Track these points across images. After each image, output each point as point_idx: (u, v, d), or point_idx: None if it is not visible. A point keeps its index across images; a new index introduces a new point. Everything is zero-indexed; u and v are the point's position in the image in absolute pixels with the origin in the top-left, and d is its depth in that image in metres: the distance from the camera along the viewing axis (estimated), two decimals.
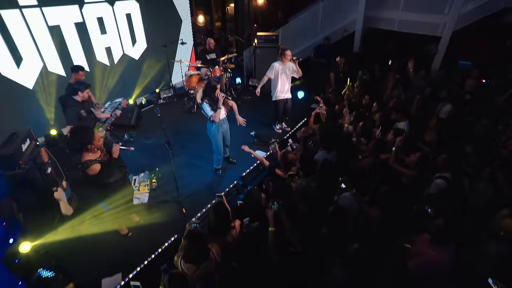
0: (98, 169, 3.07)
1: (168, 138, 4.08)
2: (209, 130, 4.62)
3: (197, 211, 4.24)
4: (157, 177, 4.88)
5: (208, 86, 4.32)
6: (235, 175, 5.03)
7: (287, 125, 6.37)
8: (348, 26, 8.00)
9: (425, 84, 5.85)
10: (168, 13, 7.72)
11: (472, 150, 3.68)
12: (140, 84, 7.59)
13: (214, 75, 6.95)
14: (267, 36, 7.59)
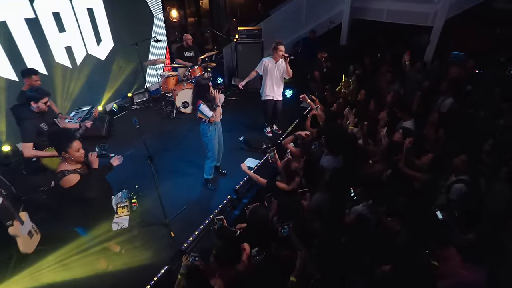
0: (75, 180, 2.66)
1: (149, 153, 3.61)
2: (204, 134, 4.26)
3: (188, 234, 3.81)
4: (138, 196, 4.39)
5: (200, 88, 4.05)
6: (226, 187, 4.66)
7: (278, 128, 6.05)
8: (334, 18, 7.83)
9: (421, 77, 5.74)
10: (137, 8, 7.16)
11: (490, 149, 3.51)
12: (110, 89, 6.98)
13: (193, 75, 6.50)
14: (250, 31, 7.24)
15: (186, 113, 6.62)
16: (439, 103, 5.15)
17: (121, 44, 6.91)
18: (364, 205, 3.09)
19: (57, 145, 2.77)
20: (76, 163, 2.78)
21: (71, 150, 2.69)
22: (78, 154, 2.74)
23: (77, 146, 2.72)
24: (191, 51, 6.88)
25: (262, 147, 5.39)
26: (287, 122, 6.34)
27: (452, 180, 3.41)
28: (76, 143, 2.72)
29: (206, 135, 4.25)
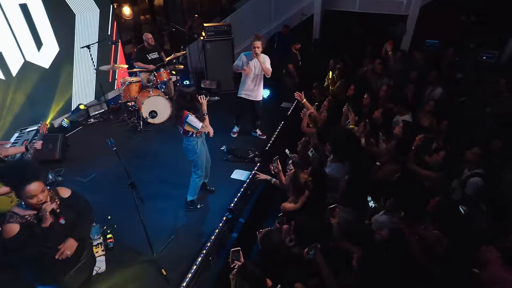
0: (14, 232, 2.13)
1: (131, 179, 3.10)
2: (192, 150, 3.83)
3: (184, 269, 3.37)
4: (112, 229, 3.83)
5: (187, 97, 3.58)
6: (216, 206, 4.27)
7: (262, 133, 5.75)
8: (305, 9, 7.71)
9: (404, 67, 5.81)
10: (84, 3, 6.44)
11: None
12: (58, 101, 6.20)
13: (160, 80, 5.98)
14: (217, 27, 6.87)
15: (155, 124, 6.07)
16: (427, 93, 5.23)
17: (69, 48, 6.16)
18: (386, 214, 2.93)
19: (8, 184, 2.27)
20: (29, 210, 2.23)
21: (23, 193, 2.13)
22: (32, 202, 2.17)
23: (32, 191, 2.14)
24: (155, 52, 6.35)
25: (249, 156, 5.06)
26: (269, 125, 6.06)
27: (466, 175, 3.38)
28: (33, 186, 2.14)
29: (194, 152, 3.82)
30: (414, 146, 3.54)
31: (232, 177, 4.77)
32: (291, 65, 7.09)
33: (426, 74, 5.23)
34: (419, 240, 2.37)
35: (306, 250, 2.31)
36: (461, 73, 5.77)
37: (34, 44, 5.81)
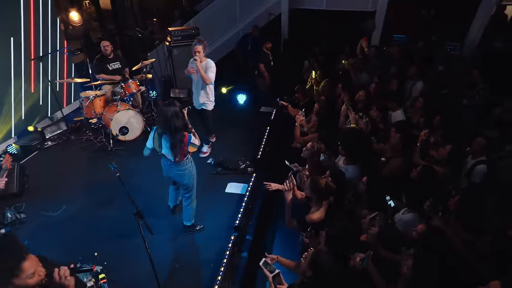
0: None
1: (137, 207, 2.79)
2: (189, 173, 3.57)
3: None
4: (104, 268, 3.44)
5: (179, 114, 3.21)
6: (216, 225, 4.05)
7: (205, 151, 5.38)
8: (272, 9, 7.76)
9: (379, 62, 6.07)
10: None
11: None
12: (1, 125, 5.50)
13: (129, 92, 5.59)
14: (184, 31, 6.64)
15: (126, 141, 5.65)
16: (409, 87, 5.50)
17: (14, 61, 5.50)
18: (408, 211, 2.98)
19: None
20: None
21: (20, 278, 1.77)
22: (33, 282, 1.82)
23: (30, 268, 1.81)
24: (116, 61, 5.93)
25: (240, 167, 4.90)
26: (253, 132, 5.97)
27: (472, 163, 3.59)
28: (28, 262, 1.81)
29: (191, 174, 3.58)
30: (419, 142, 3.68)
31: (226, 191, 4.58)
32: (262, 65, 7.06)
33: (406, 69, 5.50)
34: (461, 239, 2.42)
35: (358, 260, 2.25)
36: (440, 66, 6.15)
37: None
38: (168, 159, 3.46)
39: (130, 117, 5.56)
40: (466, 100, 5.30)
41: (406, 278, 2.23)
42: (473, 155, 3.60)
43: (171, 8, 9.03)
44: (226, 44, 7.97)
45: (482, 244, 2.41)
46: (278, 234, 4.15)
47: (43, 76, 6.27)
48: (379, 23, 7.23)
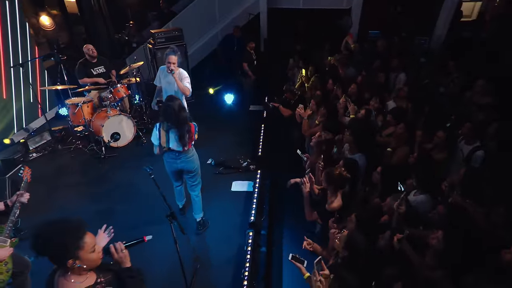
0: None
1: (170, 209, 2.79)
2: (196, 159, 3.82)
3: None
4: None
5: (182, 107, 3.44)
6: (229, 223, 4.13)
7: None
8: (251, 9, 7.89)
9: (363, 58, 6.41)
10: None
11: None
12: None
13: (118, 96, 5.47)
14: (168, 33, 6.57)
15: (118, 147, 5.51)
16: (392, 79, 5.87)
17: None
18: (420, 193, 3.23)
19: (59, 253, 1.75)
20: (85, 273, 1.85)
21: (84, 251, 1.77)
22: (95, 256, 1.83)
23: (91, 242, 1.81)
24: (100, 65, 5.75)
25: (242, 165, 4.99)
26: (248, 130, 6.09)
27: (470, 149, 3.92)
28: (88, 237, 1.81)
29: (197, 160, 3.81)
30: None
31: (233, 189, 4.65)
32: (245, 64, 7.17)
33: (389, 62, 5.86)
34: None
35: (396, 239, 2.44)
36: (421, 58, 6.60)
37: None
38: (174, 152, 3.57)
39: (121, 122, 5.44)
40: (442, 88, 5.77)
41: (435, 250, 2.46)
42: (466, 140, 3.92)
43: (146, 10, 8.85)
44: (207, 44, 7.98)
45: (496, 215, 2.69)
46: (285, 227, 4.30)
47: (15, 86, 5.99)
48: (356, 20, 7.60)
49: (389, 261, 2.60)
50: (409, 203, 3.16)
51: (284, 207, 4.44)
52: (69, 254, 1.71)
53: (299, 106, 4.66)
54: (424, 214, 3.01)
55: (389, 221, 3.00)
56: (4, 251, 2.49)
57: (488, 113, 4.35)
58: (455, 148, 4.02)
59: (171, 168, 3.79)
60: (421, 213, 2.96)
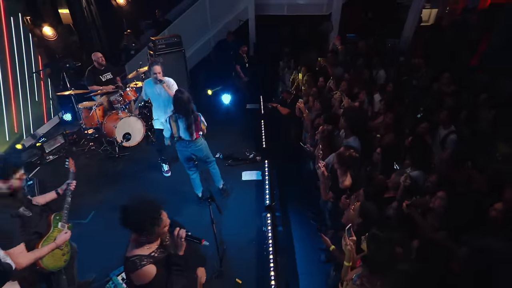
0: (153, 274, 1.91)
1: (210, 192, 2.93)
2: (205, 145, 4.08)
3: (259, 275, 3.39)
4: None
5: (188, 101, 3.63)
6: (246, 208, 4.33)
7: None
8: (241, 15, 8.05)
9: (348, 58, 6.74)
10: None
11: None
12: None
13: (128, 99, 5.49)
14: (168, 39, 6.60)
15: (130, 147, 5.54)
16: (374, 75, 6.23)
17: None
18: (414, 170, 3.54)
19: (141, 226, 1.89)
20: (152, 245, 2.01)
21: (159, 227, 1.93)
22: (164, 231, 2.00)
23: (165, 220, 1.98)
24: (108, 72, 5.74)
25: (249, 157, 5.17)
26: (248, 128, 6.25)
27: (444, 133, 4.30)
28: (164, 215, 1.96)
29: (206, 147, 4.09)
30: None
31: (243, 179, 4.82)
32: (238, 67, 7.34)
33: (370, 60, 6.23)
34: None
35: (405, 205, 2.71)
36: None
37: None
38: (185, 141, 3.81)
39: (132, 123, 5.46)
40: (415, 81, 6.20)
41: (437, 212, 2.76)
42: (443, 126, 4.30)
43: (141, 19, 8.80)
44: (200, 49, 8.07)
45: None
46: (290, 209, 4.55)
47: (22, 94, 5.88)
48: (336, 25, 7.94)
49: (398, 227, 2.88)
50: (411, 177, 3.48)
51: (289, 192, 4.70)
52: (148, 227, 1.88)
53: (299, 100, 4.88)
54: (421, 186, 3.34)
55: (393, 195, 3.30)
56: (66, 235, 2.56)
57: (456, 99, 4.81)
58: (435, 133, 4.42)
59: (183, 156, 4.02)
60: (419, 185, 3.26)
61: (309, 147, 4.36)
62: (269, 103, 5.93)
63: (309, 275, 3.66)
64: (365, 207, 2.80)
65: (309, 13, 8.12)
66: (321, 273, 3.65)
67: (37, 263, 2.41)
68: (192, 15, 7.73)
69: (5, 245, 2.19)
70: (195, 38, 7.95)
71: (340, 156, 3.41)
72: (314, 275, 3.67)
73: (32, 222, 2.42)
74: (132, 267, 1.87)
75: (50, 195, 2.84)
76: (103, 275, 3.41)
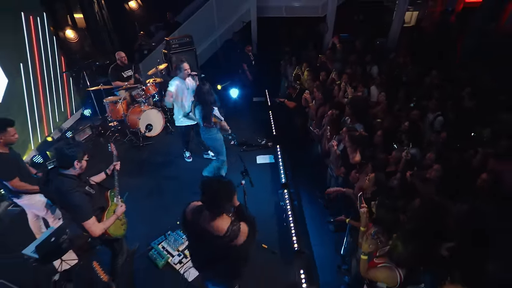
0: (247, 229, 2.10)
1: (244, 165, 3.19)
2: (214, 138, 4.16)
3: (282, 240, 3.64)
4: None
5: (208, 93, 3.83)
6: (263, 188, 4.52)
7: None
8: (244, 17, 8.23)
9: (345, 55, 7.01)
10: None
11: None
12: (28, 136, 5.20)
13: (149, 93, 5.67)
14: (180, 39, 6.78)
15: (152, 136, 5.74)
16: (368, 71, 6.53)
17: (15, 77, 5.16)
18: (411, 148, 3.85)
19: (218, 203, 2.02)
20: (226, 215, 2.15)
21: (232, 203, 2.10)
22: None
23: (235, 198, 2.15)
24: (129, 69, 5.91)
25: (261, 143, 5.43)
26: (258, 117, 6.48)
27: (433, 117, 4.64)
28: (235, 195, 2.13)
29: (216, 139, 4.18)
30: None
31: (258, 162, 5.06)
32: (245, 65, 7.55)
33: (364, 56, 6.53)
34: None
35: (409, 174, 3.01)
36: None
37: None
38: (201, 126, 4.07)
39: (153, 115, 5.65)
40: (404, 77, 6.52)
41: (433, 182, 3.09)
42: (431, 111, 4.64)
43: (152, 22, 8.91)
44: (208, 49, 8.24)
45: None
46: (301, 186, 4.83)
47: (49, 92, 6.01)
48: (331, 26, 8.20)
49: (401, 195, 3.18)
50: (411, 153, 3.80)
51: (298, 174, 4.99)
52: (224, 205, 2.05)
53: (305, 92, 5.15)
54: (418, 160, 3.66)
55: (394, 169, 3.61)
56: (122, 207, 2.78)
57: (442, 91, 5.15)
58: (425, 118, 4.75)
59: (201, 139, 4.37)
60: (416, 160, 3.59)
61: (318, 131, 4.64)
62: (277, 98, 6.16)
63: (320, 245, 3.93)
64: (378, 177, 3.11)
65: (306, 15, 8.34)
66: (331, 243, 3.97)
67: (105, 232, 2.63)
68: (200, 17, 7.88)
69: (85, 217, 2.41)
70: (203, 38, 8.11)
71: (352, 136, 3.71)
72: (325, 245, 3.95)
73: (96, 199, 2.62)
74: (233, 235, 2.00)
75: (101, 175, 3.03)
76: (144, 244, 3.64)
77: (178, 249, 3.54)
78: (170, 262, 3.43)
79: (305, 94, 5.13)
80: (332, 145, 3.77)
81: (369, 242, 2.65)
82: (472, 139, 4.15)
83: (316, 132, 4.62)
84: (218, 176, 2.15)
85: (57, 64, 6.38)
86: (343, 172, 3.81)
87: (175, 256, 3.46)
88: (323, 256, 3.78)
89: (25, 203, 3.21)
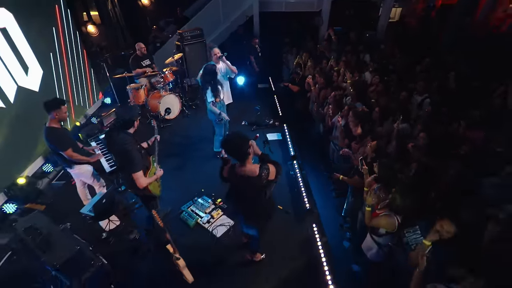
0: (275, 170, 2.44)
1: (265, 138, 3.41)
2: (212, 112, 4.31)
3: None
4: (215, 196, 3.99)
5: (214, 73, 4.04)
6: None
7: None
8: (247, 12, 8.28)
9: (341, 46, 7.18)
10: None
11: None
12: None
13: (167, 80, 5.80)
14: (192, 32, 6.86)
15: (171, 119, 5.90)
16: (361, 59, 6.72)
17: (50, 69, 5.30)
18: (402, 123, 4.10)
19: (240, 153, 2.35)
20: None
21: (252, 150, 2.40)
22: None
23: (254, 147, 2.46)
24: (147, 59, 6.01)
25: (269, 123, 5.63)
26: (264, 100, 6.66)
27: (421, 99, 4.86)
28: (252, 143, 2.42)
29: (212, 114, 4.36)
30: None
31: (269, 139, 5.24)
32: (252, 57, 7.64)
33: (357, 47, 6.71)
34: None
35: (410, 145, 3.27)
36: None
37: (21, 68, 4.83)
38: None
39: (172, 100, 5.80)
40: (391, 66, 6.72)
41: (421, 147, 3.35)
42: (419, 94, 4.86)
43: (163, 17, 8.93)
44: (214, 40, 8.23)
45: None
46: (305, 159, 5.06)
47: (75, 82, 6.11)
48: (326, 20, 8.32)
49: (396, 158, 3.45)
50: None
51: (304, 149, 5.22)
52: (246, 150, 2.33)
53: (308, 76, 5.34)
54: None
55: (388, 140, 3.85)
56: (161, 171, 3.02)
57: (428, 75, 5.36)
58: (412, 99, 4.98)
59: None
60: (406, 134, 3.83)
61: (321, 110, 4.86)
62: (282, 82, 6.31)
63: (324, 208, 4.18)
64: (378, 143, 3.35)
65: (303, 10, 8.45)
66: (333, 206, 4.29)
67: (148, 189, 2.85)
68: (207, 11, 7.93)
69: (136, 169, 2.68)
70: (210, 31, 8.15)
71: (355, 112, 3.92)
72: (328, 208, 4.25)
73: (144, 158, 2.85)
74: (266, 173, 2.35)
75: (145, 144, 3.23)
76: (176, 209, 3.87)
77: (205, 211, 3.77)
78: (200, 222, 3.67)
79: (308, 79, 5.32)
80: (337, 120, 4.01)
81: (372, 196, 2.92)
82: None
83: (320, 111, 4.83)
84: (231, 134, 2.41)
85: (80, 56, 6.43)
86: (346, 143, 4.05)
87: (204, 217, 3.70)
88: (327, 217, 4.04)
89: (76, 172, 3.41)
